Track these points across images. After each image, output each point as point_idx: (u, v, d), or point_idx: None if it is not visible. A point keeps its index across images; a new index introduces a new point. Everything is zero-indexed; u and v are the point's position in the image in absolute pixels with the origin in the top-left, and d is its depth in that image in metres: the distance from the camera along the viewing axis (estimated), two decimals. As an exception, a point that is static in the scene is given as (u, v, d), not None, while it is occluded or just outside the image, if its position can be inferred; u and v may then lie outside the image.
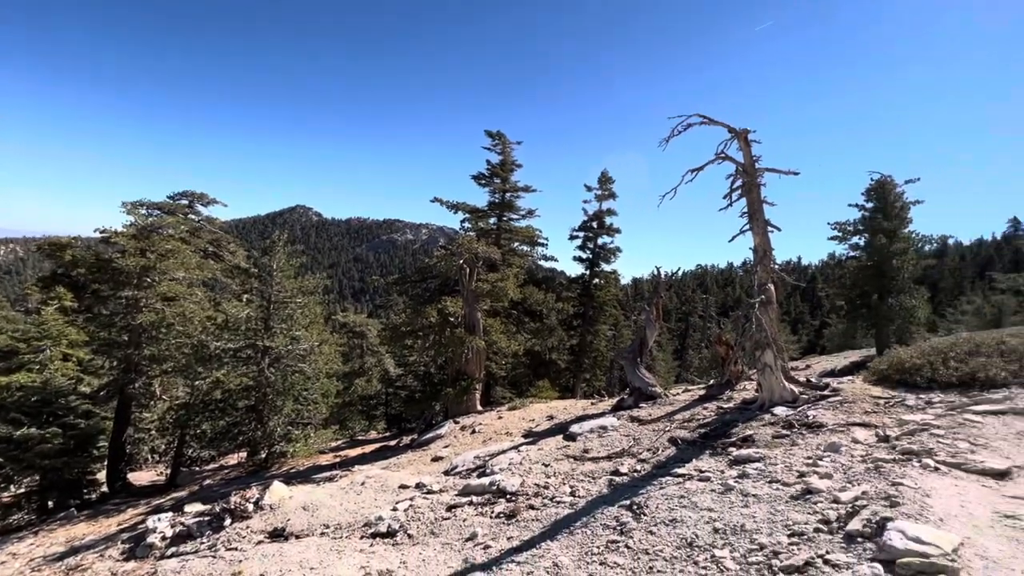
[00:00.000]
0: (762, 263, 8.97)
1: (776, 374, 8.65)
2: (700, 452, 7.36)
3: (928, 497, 4.24)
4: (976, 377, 7.60)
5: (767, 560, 3.89)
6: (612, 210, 26.11)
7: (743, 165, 9.27)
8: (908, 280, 17.70)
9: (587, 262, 26.37)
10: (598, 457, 8.47)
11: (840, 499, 4.59)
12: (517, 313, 23.75)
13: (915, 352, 8.79)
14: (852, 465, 5.45)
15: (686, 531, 4.79)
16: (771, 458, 6.26)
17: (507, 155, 25.37)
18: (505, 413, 14.68)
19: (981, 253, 65.08)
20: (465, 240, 18.07)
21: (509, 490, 7.54)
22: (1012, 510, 4.03)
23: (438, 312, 16.26)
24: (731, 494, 5.43)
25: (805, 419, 7.46)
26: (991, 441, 5.63)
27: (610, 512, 5.87)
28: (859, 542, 3.79)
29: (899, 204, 18.04)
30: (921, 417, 6.70)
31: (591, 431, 9.89)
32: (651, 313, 13.13)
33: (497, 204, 25.16)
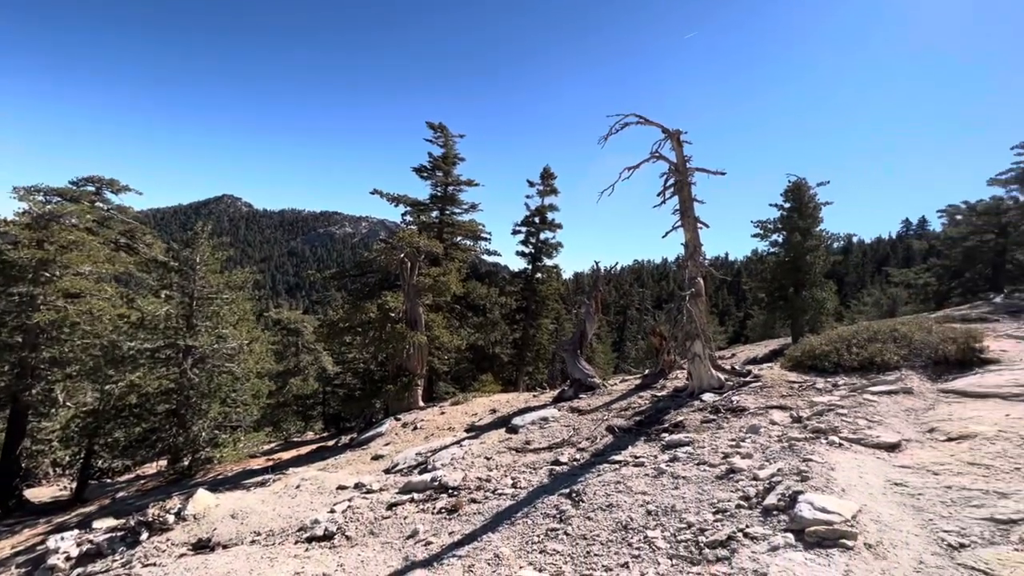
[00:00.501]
0: (692, 258, 9.47)
1: (705, 363, 9.18)
2: (636, 439, 7.68)
3: (833, 471, 4.68)
4: (874, 361, 8.47)
5: (694, 537, 4.14)
6: (554, 206, 26.54)
7: (675, 164, 9.71)
8: (819, 275, 19.39)
9: (530, 257, 26.67)
10: (539, 448, 8.62)
11: (759, 476, 4.95)
12: (460, 308, 23.63)
13: (824, 340, 9.65)
14: (770, 445, 5.90)
15: (621, 515, 4.99)
16: (699, 442, 6.65)
17: (450, 148, 25.09)
18: (448, 408, 14.59)
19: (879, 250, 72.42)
20: (406, 234, 17.70)
21: (451, 485, 7.51)
22: (901, 478, 4.54)
23: (378, 307, 15.85)
24: (663, 477, 5.71)
25: (730, 404, 7.98)
26: (885, 418, 6.31)
27: (550, 501, 6.00)
28: (775, 515, 4.12)
29: (812, 205, 19.69)
30: (828, 399, 7.37)
31: (533, 423, 10.05)
32: (591, 306, 13.50)
33: (439, 198, 24.84)
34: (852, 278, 53.24)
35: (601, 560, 4.25)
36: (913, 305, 24.07)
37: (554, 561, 4.48)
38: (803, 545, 3.54)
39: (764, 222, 21.00)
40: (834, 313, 22.27)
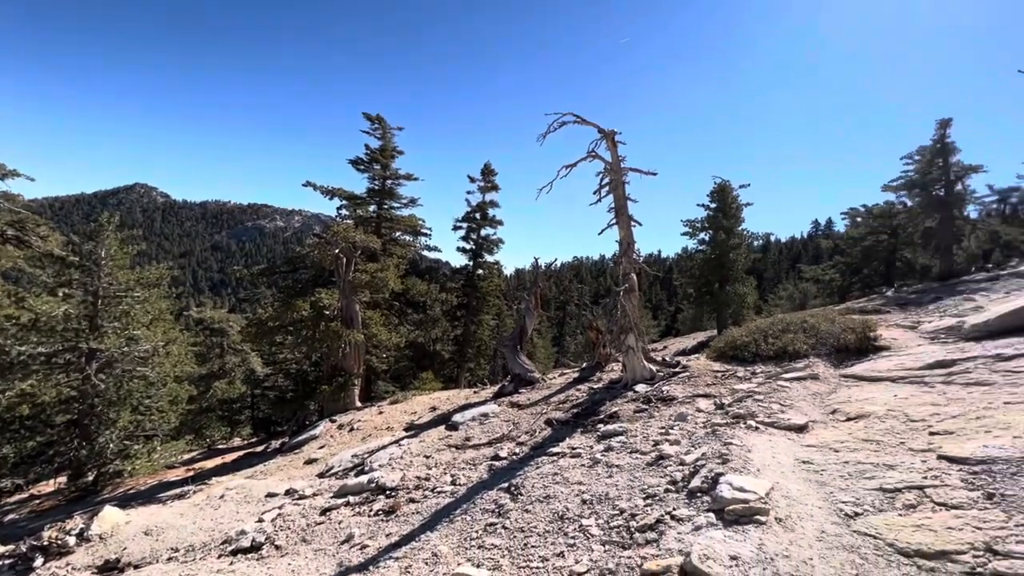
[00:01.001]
0: (626, 255, 9.83)
1: (638, 355, 9.58)
2: (573, 431, 7.87)
3: (750, 452, 5.04)
4: (786, 350, 9.22)
5: (626, 523, 4.31)
6: (495, 202, 26.57)
7: (610, 164, 10.02)
8: (741, 271, 20.79)
9: (471, 253, 26.57)
10: (479, 444, 8.63)
11: (685, 461, 5.24)
12: (399, 305, 23.13)
13: (744, 332, 10.38)
14: (695, 431, 6.25)
15: (558, 506, 5.10)
16: (632, 431, 6.93)
17: (388, 140, 24.41)
18: (386, 408, 14.25)
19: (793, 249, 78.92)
20: (342, 228, 17.04)
21: (389, 486, 7.35)
22: (807, 456, 4.97)
23: (311, 305, 15.16)
24: (598, 467, 5.90)
25: (660, 394, 8.38)
26: (795, 402, 6.89)
27: (489, 496, 6.02)
28: (699, 496, 4.38)
29: (735, 206, 21.05)
30: (747, 386, 7.93)
31: (473, 419, 10.04)
32: (530, 302, 13.67)
33: (377, 191, 24.12)
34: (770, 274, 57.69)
35: (538, 551, 4.33)
36: (821, 299, 26.40)
37: (492, 555, 4.50)
38: (723, 523, 3.78)
39: (692, 221, 22.20)
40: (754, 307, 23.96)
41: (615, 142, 10.13)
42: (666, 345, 22.24)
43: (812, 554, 3.27)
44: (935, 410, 5.38)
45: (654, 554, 3.66)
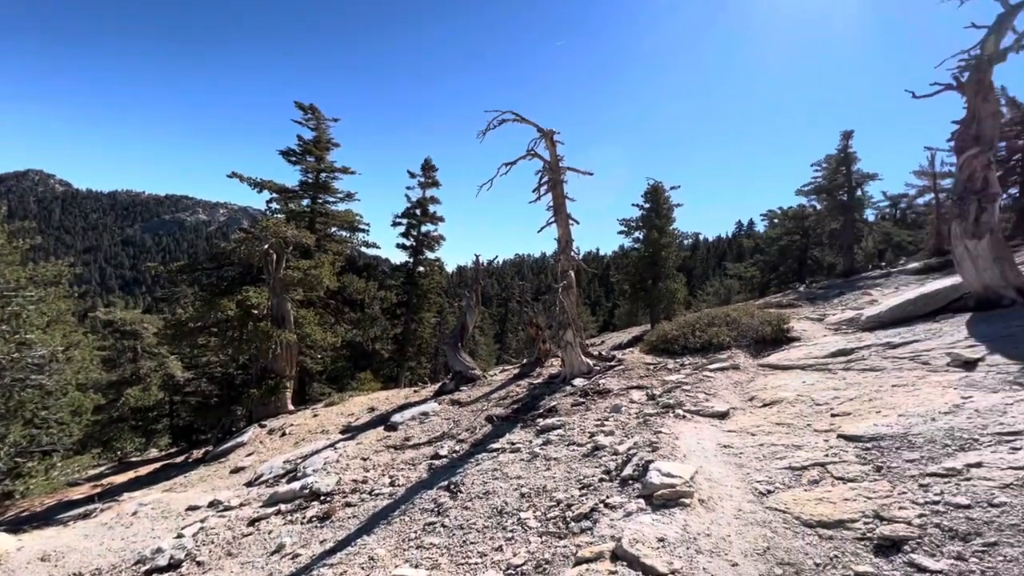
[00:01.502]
0: (565, 252, 10.05)
1: (576, 350, 9.84)
2: (513, 426, 7.96)
3: (677, 439, 5.33)
4: (712, 343, 9.83)
5: (562, 513, 4.42)
6: (436, 198, 26.23)
7: (549, 163, 10.20)
8: (673, 268, 21.92)
9: (411, 249, 26.08)
10: (419, 443, 8.52)
11: (619, 451, 5.46)
12: (335, 303, 22.29)
13: (674, 326, 10.94)
14: (629, 421, 6.53)
15: (497, 501, 5.14)
16: (570, 424, 7.11)
17: (322, 132, 23.41)
18: (321, 410, 13.71)
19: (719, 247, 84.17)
20: (272, 223, 16.14)
21: (323, 491, 7.09)
22: (728, 441, 5.34)
23: (238, 304, 14.25)
24: (536, 460, 6.01)
25: (597, 387, 8.66)
26: (718, 391, 7.36)
27: (429, 495, 5.97)
28: (630, 484, 4.57)
29: (667, 206, 22.14)
30: (677, 377, 8.38)
31: (413, 418, 9.89)
32: (471, 299, 13.65)
33: (311, 184, 23.09)
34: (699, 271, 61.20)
35: (477, 547, 4.34)
36: (744, 294, 28.38)
37: (431, 555, 4.47)
38: (652, 508, 3.98)
39: (628, 220, 23.12)
40: (685, 302, 25.33)
41: (554, 141, 10.31)
42: (604, 340, 22.98)
43: (730, 531, 3.53)
44: (836, 394, 5.96)
45: (588, 542, 3.78)
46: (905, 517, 3.21)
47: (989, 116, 8.49)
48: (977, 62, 8.58)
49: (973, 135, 8.48)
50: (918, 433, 4.26)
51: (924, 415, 4.57)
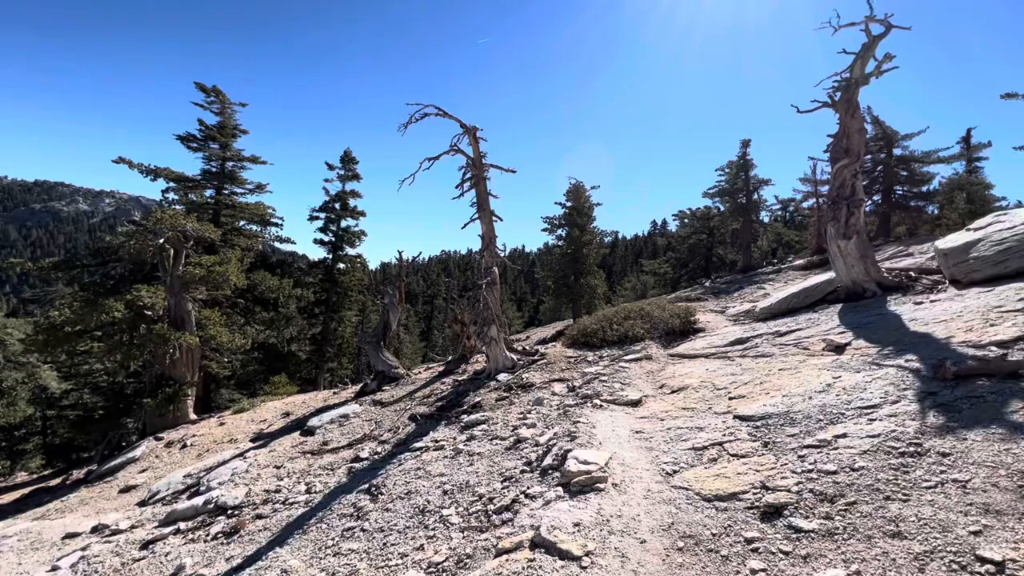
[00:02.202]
0: (488, 249, 10.11)
1: (500, 345, 9.94)
2: (437, 424, 7.90)
3: (594, 428, 5.59)
4: (628, 335, 10.39)
5: (484, 507, 4.47)
6: (357, 192, 25.22)
7: (472, 159, 10.19)
8: (593, 265, 22.83)
9: (330, 245, 24.89)
10: (338, 447, 8.18)
11: (540, 442, 5.61)
12: (246, 302, 20.73)
13: (593, 320, 11.42)
14: (550, 413, 6.72)
15: (419, 500, 5.08)
16: (494, 419, 7.19)
17: (228, 117, 21.60)
18: (229, 418, 12.71)
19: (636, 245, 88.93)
20: (168, 214, 14.62)
21: (231, 504, 6.59)
22: (640, 427, 5.68)
23: (127, 304, 12.78)
24: (460, 457, 6.01)
25: (520, 381, 8.83)
26: (633, 380, 7.80)
27: (348, 500, 5.76)
28: (550, 473, 4.72)
29: (588, 205, 22.99)
30: (595, 369, 8.76)
31: (332, 422, 9.48)
32: (395, 296, 13.31)
33: (215, 174, 21.24)
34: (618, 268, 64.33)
35: (398, 548, 4.27)
36: (658, 289, 30.23)
37: (349, 561, 4.32)
38: (569, 495, 4.14)
39: (551, 218, 23.73)
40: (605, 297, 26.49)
41: (477, 138, 10.31)
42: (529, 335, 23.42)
43: (640, 511, 3.76)
44: (734, 379, 6.55)
45: (509, 532, 3.85)
46: (786, 486, 3.61)
47: (856, 132, 9.72)
48: (847, 84, 9.78)
49: (844, 148, 9.67)
50: (798, 411, 4.81)
51: (803, 394, 5.16)
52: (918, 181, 20.28)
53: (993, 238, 7.66)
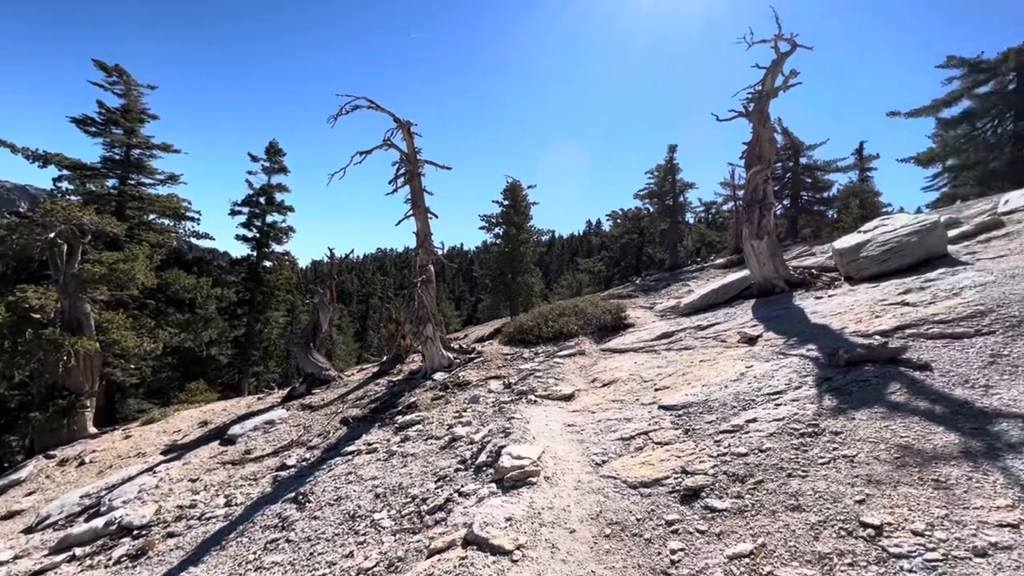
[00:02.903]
0: (423, 246, 9.95)
1: (436, 344, 9.83)
2: (370, 426, 7.67)
3: (528, 423, 5.67)
4: (562, 331, 10.64)
5: (417, 508, 4.40)
6: (284, 186, 23.94)
7: (406, 154, 9.98)
8: (530, 263, 23.13)
9: (254, 242, 23.43)
10: (263, 455, 7.73)
11: (475, 440, 5.61)
12: (157, 303, 19.03)
13: (529, 317, 11.59)
14: (486, 411, 6.74)
15: (350, 505, 4.91)
16: (429, 418, 7.10)
17: (134, 100, 19.71)
18: (136, 430, 11.60)
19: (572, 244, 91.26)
20: (61, 206, 13.08)
21: (137, 524, 6.03)
22: (572, 420, 5.84)
23: (9, 306, 11.31)
24: (393, 459, 5.88)
25: (457, 380, 8.78)
26: (567, 375, 8.00)
27: (273, 510, 5.46)
28: (484, 470, 4.73)
29: (524, 204, 23.25)
30: (531, 365, 8.89)
31: (255, 429, 8.93)
32: (325, 295, 12.76)
33: (119, 162, 19.32)
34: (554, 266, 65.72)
35: (325, 557, 4.10)
36: (592, 287, 31.20)
37: (273, 575, 4.09)
38: (503, 490, 4.17)
39: (489, 216, 23.77)
40: (542, 295, 26.94)
41: (411, 133, 10.11)
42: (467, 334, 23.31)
43: (570, 502, 3.86)
44: (659, 371, 6.90)
45: (442, 532, 3.82)
46: (703, 469, 3.86)
47: (768, 140, 10.55)
48: (759, 96, 10.58)
49: (757, 155, 10.46)
50: (715, 399, 5.15)
51: (720, 384, 5.54)
52: (820, 188, 22.37)
53: (878, 240, 8.61)
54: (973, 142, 20.99)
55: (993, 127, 20.80)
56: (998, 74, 20.09)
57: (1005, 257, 6.88)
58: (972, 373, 4.10)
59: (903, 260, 7.95)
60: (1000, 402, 3.61)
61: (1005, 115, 20.34)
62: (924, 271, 7.40)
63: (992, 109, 20.57)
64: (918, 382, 4.24)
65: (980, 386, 3.88)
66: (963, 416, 3.58)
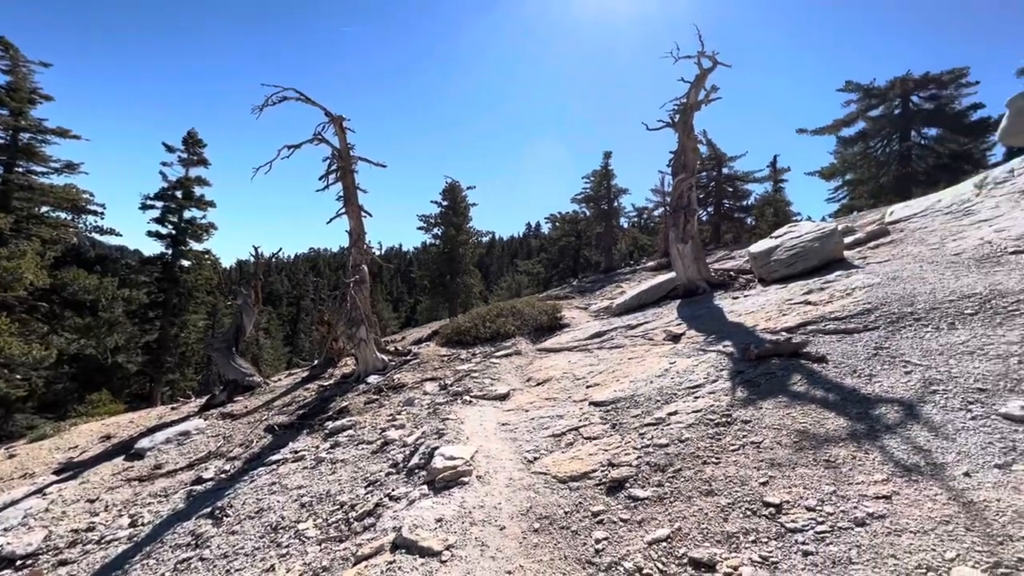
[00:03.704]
0: (356, 245, 9.64)
1: (370, 347, 9.55)
2: (298, 433, 7.32)
3: (463, 424, 5.65)
4: (499, 332, 10.70)
5: (345, 515, 4.25)
6: (204, 179, 22.29)
7: (339, 150, 9.63)
8: (469, 264, 23.08)
9: (169, 239, 21.62)
10: (176, 469, 7.15)
11: (408, 442, 5.51)
12: (51, 305, 17.06)
13: (467, 318, 11.55)
14: (420, 413, 6.64)
15: (273, 516, 4.66)
16: (361, 423, 6.89)
17: (22, 77, 17.59)
18: (23, 448, 10.33)
19: (512, 246, 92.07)
20: (-74, 194, 11.38)
21: (20, 554, 5.39)
22: (506, 419, 5.89)
23: None
24: (322, 466, 5.65)
25: (392, 382, 8.58)
26: (503, 375, 8.05)
27: (186, 528, 5.08)
28: (416, 473, 4.66)
29: (464, 204, 23.17)
30: (468, 366, 8.87)
31: (167, 441, 8.24)
32: (249, 297, 12.03)
33: (4, 147, 17.15)
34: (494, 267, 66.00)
35: (244, 573, 3.87)
36: (531, 288, 31.63)
37: (182, 596, 3.80)
38: (434, 492, 4.13)
39: (427, 217, 23.46)
40: (481, 296, 26.96)
41: (343, 128, 9.79)
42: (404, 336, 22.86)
43: (501, 499, 3.90)
44: (591, 369, 7.12)
45: (370, 538, 3.72)
46: (628, 461, 4.03)
47: (692, 150, 11.21)
48: (684, 107, 11.23)
49: (682, 164, 11.09)
50: (641, 394, 5.39)
51: (646, 379, 5.81)
52: (740, 196, 24.11)
53: (787, 244, 9.41)
54: (867, 159, 23.49)
55: (883, 146, 23.40)
56: (887, 99, 22.64)
57: (889, 261, 7.75)
58: (859, 364, 4.58)
59: (807, 263, 8.73)
60: (880, 388, 4.07)
61: (892, 136, 22.96)
62: (824, 273, 8.18)
63: (882, 131, 23.14)
64: (815, 373, 4.67)
65: (865, 375, 4.35)
66: (851, 402, 3.99)
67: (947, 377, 3.93)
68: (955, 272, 6.18)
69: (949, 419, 3.44)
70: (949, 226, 8.65)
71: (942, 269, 6.43)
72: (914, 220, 10.06)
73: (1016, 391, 3.55)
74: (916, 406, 3.69)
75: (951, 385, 3.82)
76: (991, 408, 3.43)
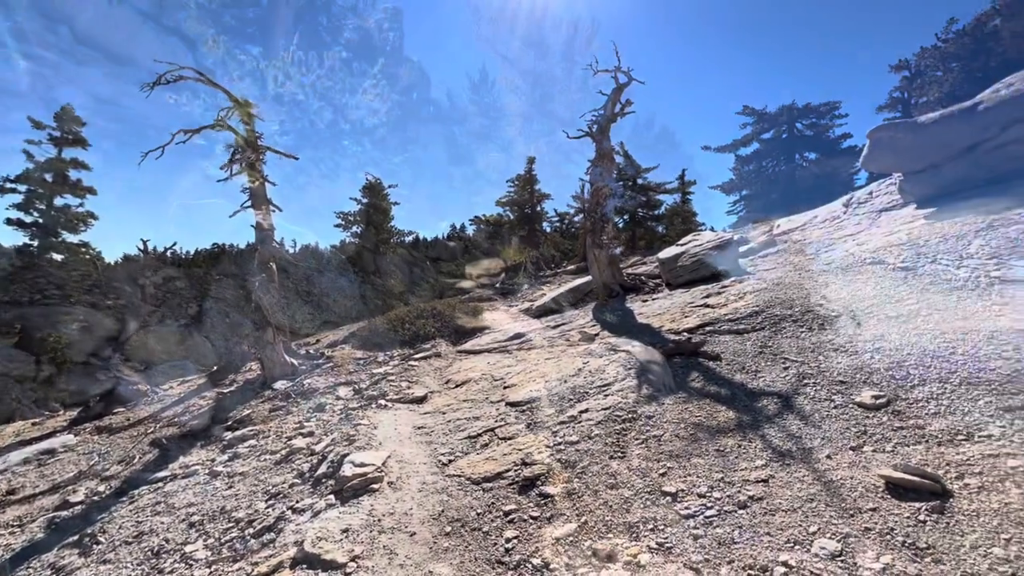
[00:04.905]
0: (263, 243, 9.00)
1: (277, 350, 8.94)
2: (190, 446, 6.67)
3: (375, 428, 5.46)
4: (419, 334, 10.49)
5: (241, 533, 3.93)
6: (81, 162, 19.65)
7: (244, 139, 8.94)
8: (390, 264, 22.40)
9: (35, 228, 18.79)
10: (35, 494, 6.21)
11: (316, 450, 5.22)
12: None
13: (386, 320, 11.21)
14: (331, 419, 6.32)
15: (155, 540, 4.19)
16: (265, 432, 6.41)
17: None
18: None
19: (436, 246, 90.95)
20: None
21: None
22: (423, 422, 5.78)
23: None
24: (217, 480, 5.18)
25: (301, 388, 8.08)
26: (421, 378, 7.90)
27: (45, 561, 4.42)
28: (324, 482, 4.42)
29: (385, 203, 22.49)
30: (385, 369, 8.59)
31: (25, 462, 7.14)
32: (135, 296, 10.75)
33: None
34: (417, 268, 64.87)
35: (115, 606, 3.44)
36: (454, 290, 31.44)
37: (35, 640, 3.30)
38: (341, 501, 3.94)
39: (346, 214, 22.49)
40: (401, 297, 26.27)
41: (251, 115, 9.10)
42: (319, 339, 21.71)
43: (413, 505, 3.81)
44: (509, 370, 7.20)
45: (268, 555, 3.47)
46: (540, 459, 4.11)
47: (609, 160, 11.77)
48: (603, 119, 11.76)
49: (600, 172, 11.59)
50: (556, 393, 5.54)
51: (561, 379, 5.98)
52: (653, 206, 25.70)
53: (691, 251, 10.18)
54: (760, 177, 26.10)
55: (773, 166, 26.13)
56: (777, 124, 25.33)
57: (775, 269, 8.64)
58: (747, 361, 5.04)
59: (708, 270, 9.50)
60: (763, 383, 4.51)
61: (781, 157, 25.71)
62: (722, 279, 8.94)
63: (772, 152, 25.83)
64: (711, 370, 5.08)
65: (751, 371, 4.80)
66: (740, 396, 4.39)
67: (816, 371, 4.45)
68: (826, 279, 7.02)
69: (817, 408, 3.89)
70: (823, 239, 9.82)
71: (816, 276, 7.28)
72: (796, 232, 11.30)
73: (868, 383, 4.09)
74: (791, 398, 4.13)
75: (819, 379, 4.32)
76: (849, 398, 3.93)
